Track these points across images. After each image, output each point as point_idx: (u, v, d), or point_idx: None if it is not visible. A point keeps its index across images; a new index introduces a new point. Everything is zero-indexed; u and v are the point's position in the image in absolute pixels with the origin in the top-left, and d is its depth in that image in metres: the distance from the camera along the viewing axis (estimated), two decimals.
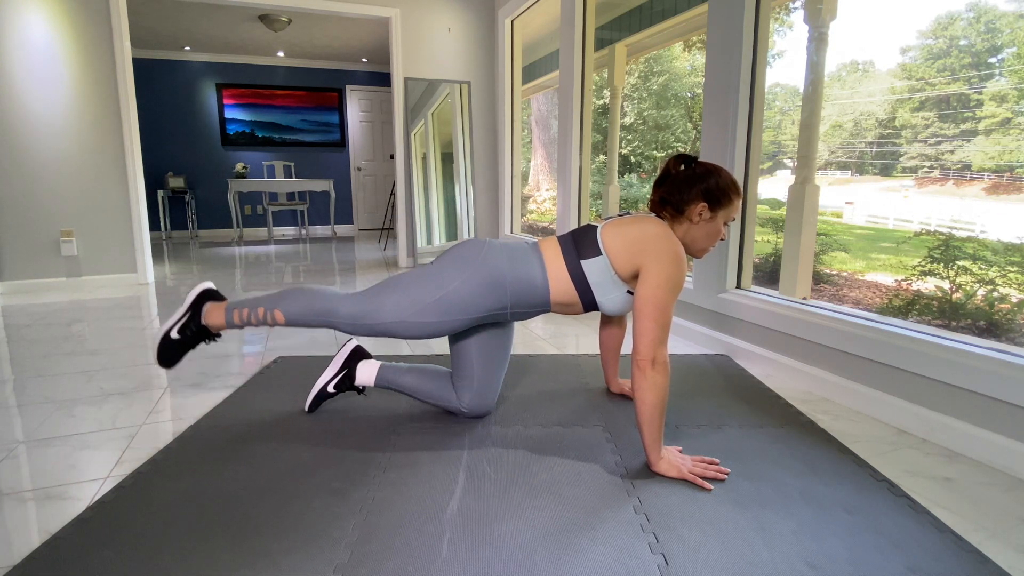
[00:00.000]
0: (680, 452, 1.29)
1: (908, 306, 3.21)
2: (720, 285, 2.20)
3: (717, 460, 1.27)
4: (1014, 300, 2.87)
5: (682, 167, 1.34)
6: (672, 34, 3.91)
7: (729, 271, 2.18)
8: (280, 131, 7.04)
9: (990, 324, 2.83)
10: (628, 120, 11.37)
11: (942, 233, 3.42)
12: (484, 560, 0.95)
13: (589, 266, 1.31)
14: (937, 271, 3.10)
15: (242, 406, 1.62)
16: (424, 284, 1.33)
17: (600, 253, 1.31)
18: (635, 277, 1.29)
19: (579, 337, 2.41)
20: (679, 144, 11.21)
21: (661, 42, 4.27)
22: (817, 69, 1.97)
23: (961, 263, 3.03)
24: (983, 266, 3.02)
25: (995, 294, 2.91)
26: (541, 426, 1.48)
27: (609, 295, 1.33)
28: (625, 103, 11.32)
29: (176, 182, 6.41)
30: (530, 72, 5.73)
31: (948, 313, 2.98)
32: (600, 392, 1.73)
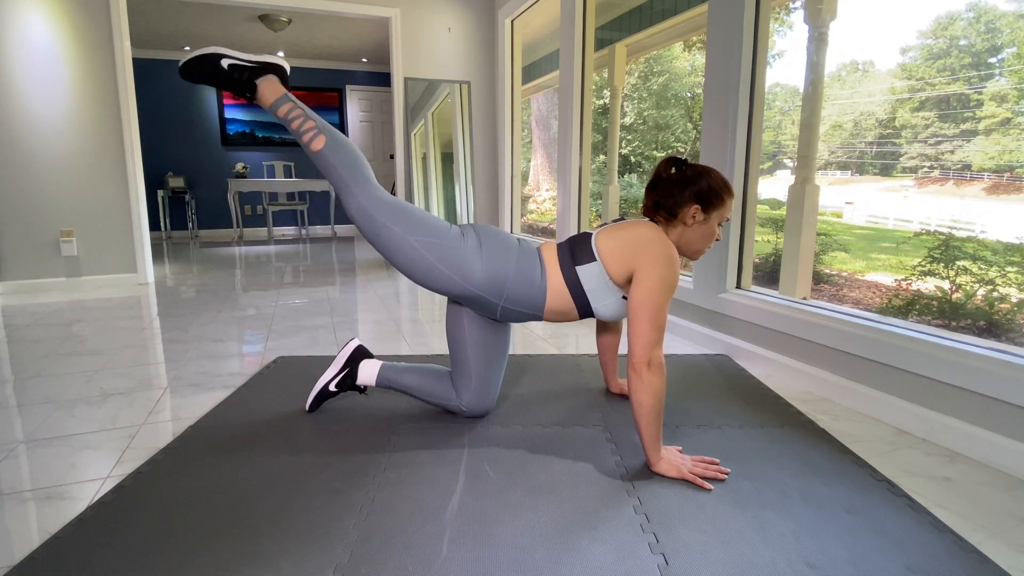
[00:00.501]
0: (680, 452, 1.29)
1: (908, 306, 3.21)
2: (720, 285, 2.20)
3: (717, 460, 1.27)
4: (1014, 300, 2.87)
5: (673, 170, 1.35)
6: (672, 34, 3.91)
7: (729, 271, 2.18)
8: (280, 131, 7.04)
9: (990, 324, 2.83)
10: (628, 120, 11.37)
11: (942, 233, 3.42)
12: (484, 560, 0.95)
13: (584, 272, 1.32)
14: (937, 271, 3.10)
15: (242, 406, 1.62)
16: (446, 230, 1.33)
17: (595, 259, 1.31)
18: (629, 282, 1.30)
19: (579, 337, 2.41)
20: (679, 144, 11.21)
21: (661, 42, 4.27)
22: (817, 69, 1.97)
23: (961, 263, 3.03)
24: (983, 266, 3.02)
25: (995, 294, 2.91)
26: (541, 426, 1.48)
27: (604, 301, 1.33)
28: (625, 103, 11.32)
29: (176, 182, 6.41)
30: (530, 72, 5.73)
31: (948, 313, 2.98)
32: (600, 392, 1.73)
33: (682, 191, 1.31)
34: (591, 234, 1.36)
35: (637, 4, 3.81)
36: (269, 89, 1.38)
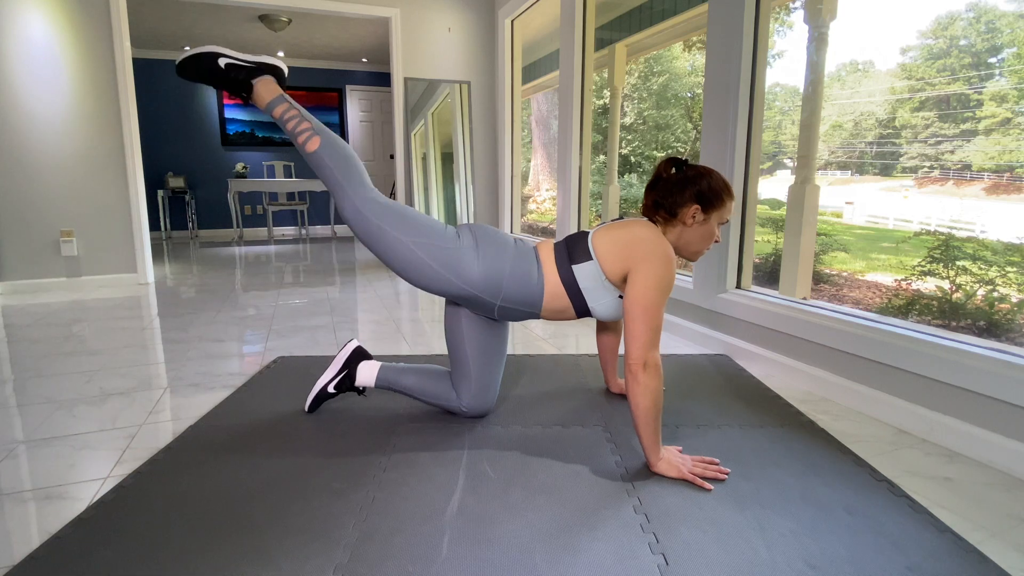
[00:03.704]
0: (680, 452, 1.29)
1: (908, 306, 3.21)
2: (720, 285, 2.20)
3: (717, 460, 1.27)
4: (1014, 300, 2.87)
5: (673, 170, 1.35)
6: (672, 34, 3.90)
7: (729, 271, 2.18)
8: (280, 131, 7.03)
9: (990, 324, 2.83)
10: (628, 120, 11.37)
11: (942, 233, 3.42)
12: (484, 560, 0.95)
13: (580, 271, 1.32)
14: (937, 271, 3.10)
15: (242, 406, 1.62)
16: (442, 231, 1.33)
17: (591, 258, 1.31)
18: (625, 281, 1.30)
19: (579, 337, 2.41)
20: (679, 144, 11.21)
21: (661, 42, 4.27)
22: (817, 69, 1.97)
23: (961, 263, 3.03)
24: (983, 266, 3.01)
25: (995, 294, 2.90)
26: (541, 426, 1.48)
27: (600, 300, 1.33)
28: (625, 103, 11.31)
29: (176, 182, 6.41)
30: (530, 72, 5.73)
31: (948, 313, 2.98)
32: (600, 392, 1.73)
33: (682, 191, 1.31)
34: (588, 233, 1.36)
35: (637, 4, 3.81)
36: (265, 89, 1.38)
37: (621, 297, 1.33)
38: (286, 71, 1.45)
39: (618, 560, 0.95)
